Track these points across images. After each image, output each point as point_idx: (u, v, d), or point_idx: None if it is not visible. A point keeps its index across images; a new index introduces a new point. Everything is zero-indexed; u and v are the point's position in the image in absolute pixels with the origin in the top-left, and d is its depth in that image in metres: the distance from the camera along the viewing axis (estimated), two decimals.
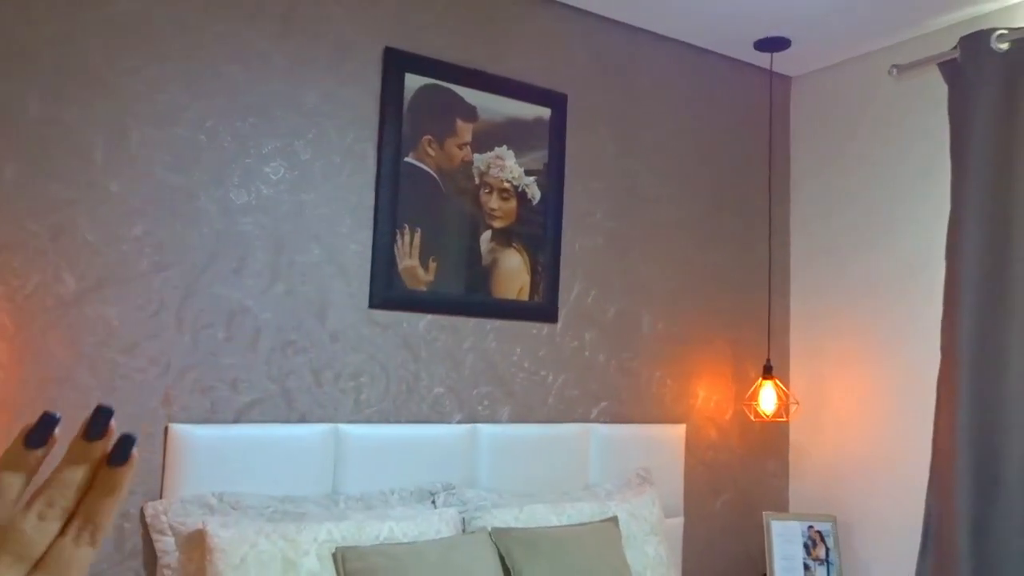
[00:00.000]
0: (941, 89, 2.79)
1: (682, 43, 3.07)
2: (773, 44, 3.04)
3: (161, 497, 2.03)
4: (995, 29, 2.57)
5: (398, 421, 2.38)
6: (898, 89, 2.98)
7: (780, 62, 3.22)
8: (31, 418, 1.88)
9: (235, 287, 2.16)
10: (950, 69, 2.72)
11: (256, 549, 1.86)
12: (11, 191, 1.91)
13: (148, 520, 1.98)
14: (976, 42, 2.61)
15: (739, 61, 3.21)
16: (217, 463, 2.06)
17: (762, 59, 3.19)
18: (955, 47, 2.68)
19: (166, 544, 1.95)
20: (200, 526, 1.92)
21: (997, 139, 2.56)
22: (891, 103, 3.00)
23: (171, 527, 1.96)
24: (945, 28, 2.82)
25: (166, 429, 2.05)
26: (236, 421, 2.14)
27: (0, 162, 1.89)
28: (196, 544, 1.93)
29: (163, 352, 2.06)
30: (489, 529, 2.20)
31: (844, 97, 3.18)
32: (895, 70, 2.91)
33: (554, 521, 2.32)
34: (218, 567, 1.82)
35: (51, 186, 1.95)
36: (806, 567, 2.88)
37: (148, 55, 2.08)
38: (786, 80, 3.37)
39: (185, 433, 2.03)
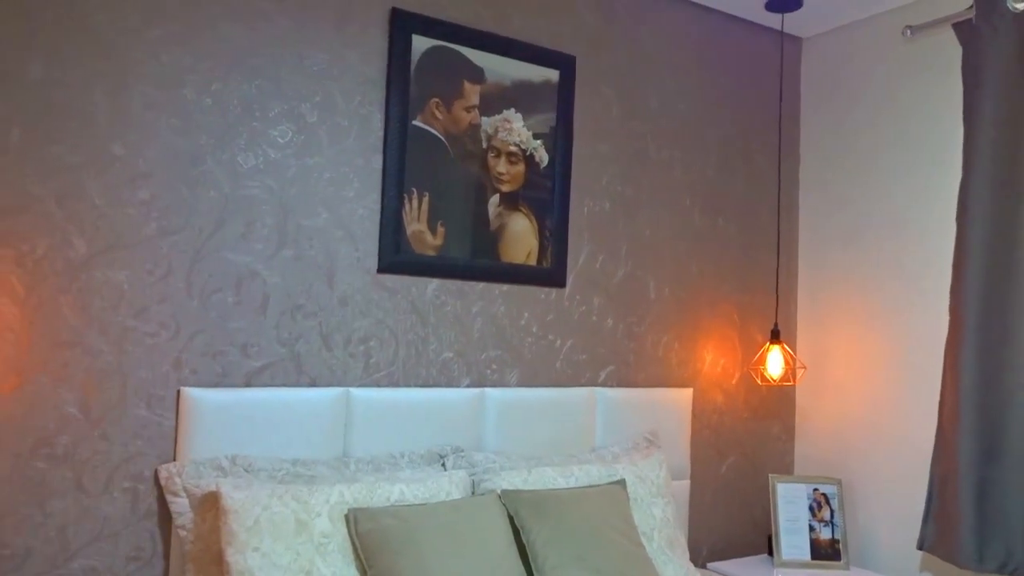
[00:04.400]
0: (955, 50, 2.75)
1: (691, 3, 3.02)
2: (784, 4, 2.99)
3: (174, 460, 2.05)
4: None
5: (407, 385, 2.39)
6: (911, 50, 2.93)
7: (791, 23, 3.17)
8: (43, 383, 1.89)
9: (243, 251, 2.16)
10: (964, 30, 2.67)
11: (269, 511, 1.88)
12: (16, 155, 1.89)
13: (162, 482, 2.00)
14: (991, 2, 2.57)
15: (749, 22, 3.16)
16: (228, 426, 2.08)
17: (773, 20, 3.14)
18: (970, 7, 2.64)
19: (180, 505, 1.98)
20: (214, 488, 1.94)
21: (1010, 102, 2.53)
22: (904, 64, 2.96)
23: (185, 489, 1.98)
24: None
25: (178, 393, 2.06)
26: (247, 385, 2.15)
27: (4, 125, 1.88)
28: (210, 505, 1.95)
29: (173, 316, 2.06)
30: (498, 491, 2.22)
31: (856, 59, 3.13)
32: (909, 31, 2.86)
33: (562, 483, 2.34)
34: (232, 528, 1.84)
35: (55, 149, 1.94)
36: (811, 528, 2.92)
37: (149, 15, 2.05)
38: (797, 41, 3.32)
39: (196, 397, 2.05)
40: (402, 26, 2.38)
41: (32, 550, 1.89)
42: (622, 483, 2.42)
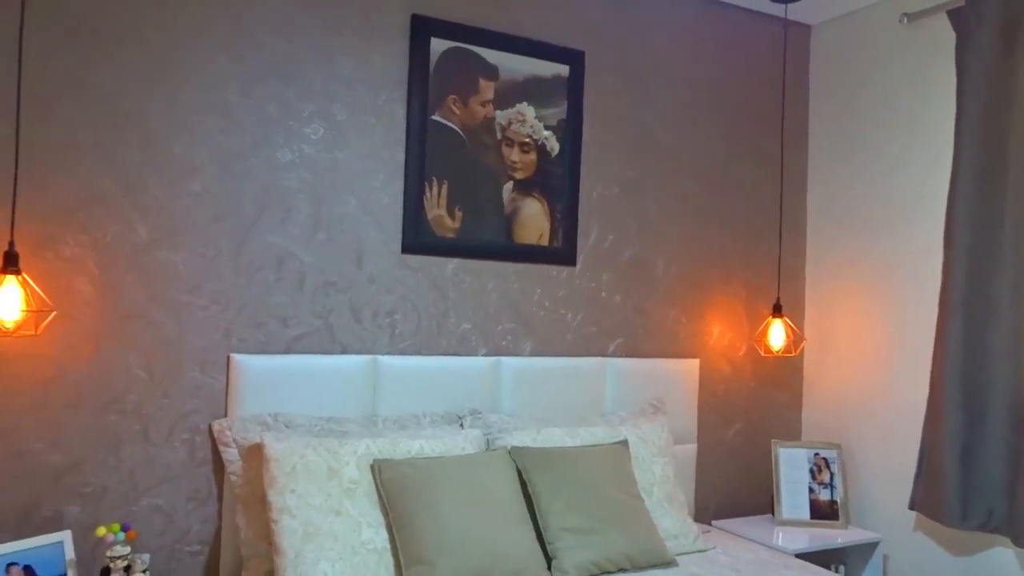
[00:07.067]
0: (951, 36, 2.87)
1: None
2: None
3: (225, 416, 2.37)
4: None
5: (429, 354, 2.67)
6: (910, 36, 3.06)
7: (795, 11, 3.31)
8: (114, 350, 2.22)
9: (282, 235, 2.46)
10: (958, 16, 2.80)
11: (305, 459, 2.18)
12: (88, 155, 2.22)
13: (215, 435, 2.32)
14: None
15: (754, 12, 3.32)
16: (271, 388, 2.39)
17: (777, 9, 3.28)
18: None
19: (230, 454, 2.30)
20: (259, 440, 2.26)
21: (997, 86, 2.65)
22: (904, 51, 3.08)
23: (235, 441, 2.30)
24: None
25: (228, 358, 2.38)
26: (287, 352, 2.46)
27: (80, 129, 2.20)
28: (256, 454, 2.26)
29: (222, 292, 2.38)
30: (508, 447, 2.49)
31: (860, 44, 3.26)
32: (905, 18, 2.99)
33: (568, 442, 2.59)
34: (273, 473, 2.15)
35: (121, 149, 2.26)
36: (811, 490, 3.11)
37: (196, 29, 2.34)
38: (805, 28, 3.46)
39: (244, 362, 2.36)
40: (422, 30, 2.63)
41: (108, 489, 2.24)
42: (624, 443, 2.66)
